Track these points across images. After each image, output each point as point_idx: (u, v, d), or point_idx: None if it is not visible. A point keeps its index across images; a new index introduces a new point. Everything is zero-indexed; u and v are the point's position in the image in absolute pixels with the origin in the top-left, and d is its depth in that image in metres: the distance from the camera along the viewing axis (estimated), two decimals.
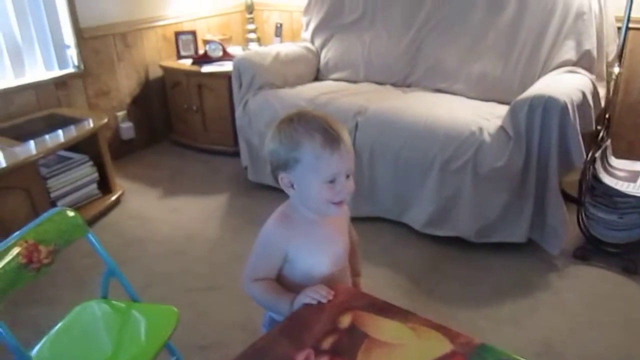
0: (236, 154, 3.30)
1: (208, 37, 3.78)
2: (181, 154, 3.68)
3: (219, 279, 2.33)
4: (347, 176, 1.14)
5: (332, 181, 1.13)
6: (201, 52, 3.62)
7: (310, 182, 1.13)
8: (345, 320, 1.07)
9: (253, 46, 3.80)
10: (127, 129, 3.58)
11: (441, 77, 2.96)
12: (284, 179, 1.16)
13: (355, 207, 2.68)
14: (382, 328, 1.05)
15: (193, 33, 3.74)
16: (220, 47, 3.54)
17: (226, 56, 3.52)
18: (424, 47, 3.03)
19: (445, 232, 2.48)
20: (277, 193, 1.24)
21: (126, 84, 3.56)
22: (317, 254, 1.21)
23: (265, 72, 3.01)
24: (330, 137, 1.10)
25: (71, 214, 1.49)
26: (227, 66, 3.35)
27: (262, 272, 1.22)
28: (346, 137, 1.14)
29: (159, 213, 2.90)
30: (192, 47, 3.71)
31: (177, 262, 2.47)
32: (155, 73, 3.70)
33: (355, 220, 2.63)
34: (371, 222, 2.69)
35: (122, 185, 3.11)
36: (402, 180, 2.52)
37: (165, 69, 3.64)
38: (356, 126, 2.58)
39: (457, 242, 2.48)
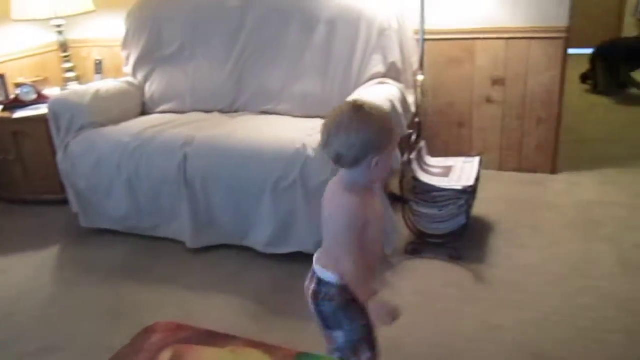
0: (66, 202, 3.09)
1: (20, 80, 3.52)
2: (4, 209, 3.37)
3: (56, 337, 2.16)
4: None
5: None
6: (12, 97, 3.36)
7: (392, 155, 1.40)
8: (165, 356, 1.05)
9: (73, 86, 3.61)
10: None
11: (266, 99, 3.04)
12: (373, 160, 1.29)
13: (197, 237, 2.65)
14: (202, 357, 1.05)
15: (1, 77, 3.46)
16: (34, 89, 3.32)
17: (42, 99, 3.30)
18: (246, 72, 3.09)
19: (287, 248, 2.53)
20: (113, 236, 1.18)
21: None
22: (376, 217, 1.39)
23: (85, 112, 2.87)
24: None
25: None
26: (43, 109, 3.13)
27: (356, 247, 1.33)
28: None
29: None
30: (1, 92, 3.43)
31: (5, 328, 2.24)
32: None
33: (198, 250, 2.65)
34: (214, 250, 2.68)
35: None
36: (238, 204, 2.54)
37: None
38: (185, 157, 2.55)
39: (300, 257, 2.54)
